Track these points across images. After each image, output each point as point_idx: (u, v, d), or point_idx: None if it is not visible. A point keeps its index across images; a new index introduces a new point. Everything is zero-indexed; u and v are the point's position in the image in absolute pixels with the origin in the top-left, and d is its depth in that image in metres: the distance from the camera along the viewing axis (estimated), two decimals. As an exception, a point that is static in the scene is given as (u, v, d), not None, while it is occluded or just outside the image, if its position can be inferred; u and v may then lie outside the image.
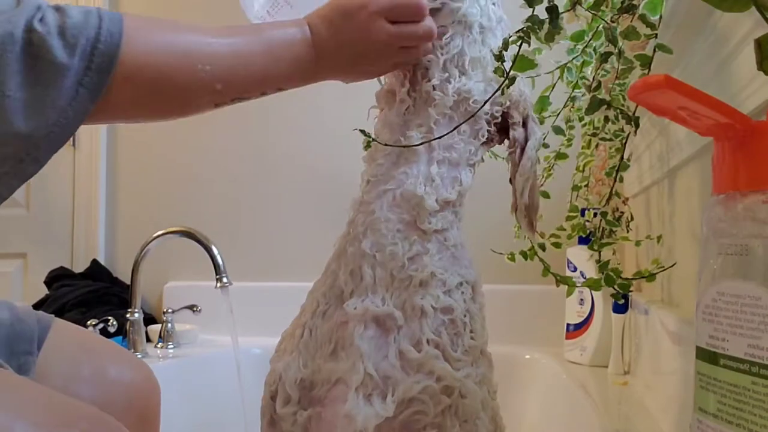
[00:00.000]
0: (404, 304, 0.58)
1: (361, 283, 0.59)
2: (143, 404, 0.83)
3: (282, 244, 1.55)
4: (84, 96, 0.47)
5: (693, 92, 0.34)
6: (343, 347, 0.58)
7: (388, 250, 0.59)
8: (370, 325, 0.57)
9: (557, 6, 0.61)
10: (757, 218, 0.32)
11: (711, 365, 0.35)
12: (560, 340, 1.23)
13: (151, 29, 0.52)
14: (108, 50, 0.47)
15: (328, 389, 0.57)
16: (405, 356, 0.57)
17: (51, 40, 0.45)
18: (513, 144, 0.66)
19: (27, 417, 0.51)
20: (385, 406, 0.55)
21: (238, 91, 0.57)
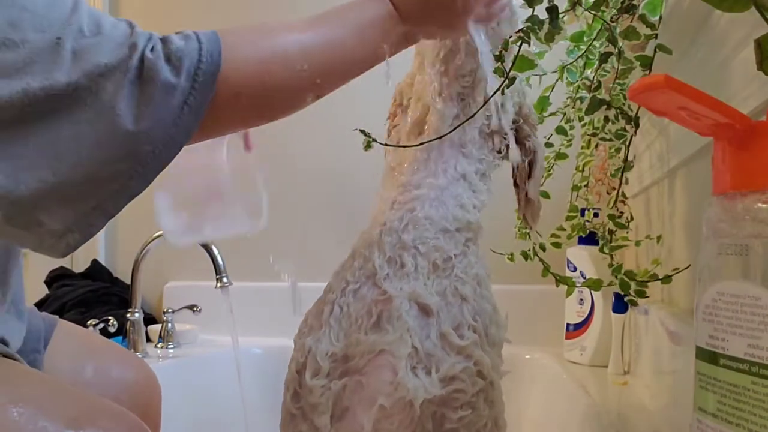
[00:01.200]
0: (445, 290, 0.61)
1: (402, 269, 0.62)
2: (145, 404, 0.83)
3: (282, 244, 1.55)
4: (188, 114, 0.49)
5: (693, 92, 0.34)
6: (389, 320, 0.59)
7: (431, 243, 0.62)
8: (413, 305, 0.60)
9: (557, 6, 0.61)
10: (757, 218, 0.32)
11: (711, 365, 0.35)
12: (560, 340, 1.23)
13: (247, 42, 0.54)
14: (209, 69, 0.50)
15: (370, 359, 0.58)
16: (446, 338, 0.59)
17: (159, 64, 0.48)
18: (528, 153, 0.72)
19: (48, 411, 0.51)
20: (431, 380, 0.57)
21: (337, 79, 0.59)
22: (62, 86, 0.46)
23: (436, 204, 0.65)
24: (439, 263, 0.62)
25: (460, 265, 0.63)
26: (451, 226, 0.64)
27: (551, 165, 0.91)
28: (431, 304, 0.60)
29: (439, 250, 0.62)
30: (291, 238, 1.54)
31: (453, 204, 0.65)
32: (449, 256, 0.63)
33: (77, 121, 0.46)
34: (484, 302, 0.63)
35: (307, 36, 0.57)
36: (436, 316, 0.60)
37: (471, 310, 0.61)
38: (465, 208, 0.65)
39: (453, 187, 0.66)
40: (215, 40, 0.51)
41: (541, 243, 0.87)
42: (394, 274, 0.62)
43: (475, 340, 0.59)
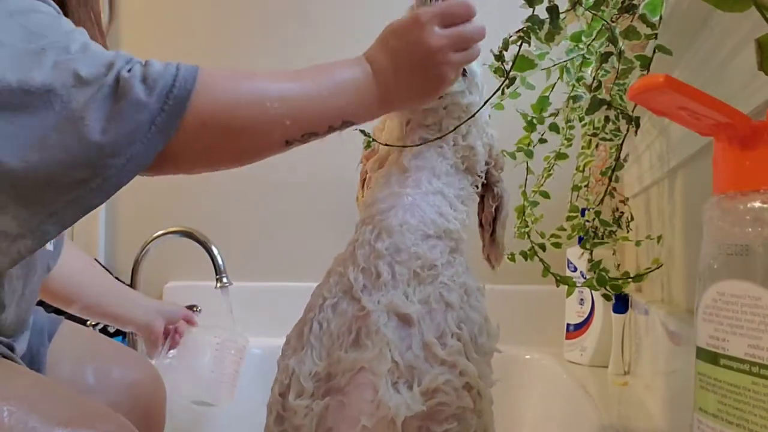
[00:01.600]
0: (429, 297, 0.60)
1: (378, 279, 0.61)
2: (148, 403, 0.83)
3: (282, 244, 1.55)
4: (155, 134, 0.50)
5: (693, 92, 0.34)
6: (368, 336, 0.58)
7: (412, 250, 0.61)
8: (392, 316, 0.59)
9: (557, 6, 0.61)
10: (757, 218, 0.32)
11: (711, 365, 0.35)
12: (560, 340, 1.23)
13: (224, 77, 0.56)
14: (181, 94, 0.51)
15: (351, 377, 0.57)
16: (430, 349, 0.58)
17: (134, 82, 0.50)
18: (496, 198, 0.75)
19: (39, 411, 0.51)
20: (412, 395, 0.56)
21: (306, 126, 0.59)
22: (36, 85, 0.47)
23: (411, 209, 0.64)
24: (420, 271, 0.61)
25: (446, 273, 0.62)
26: (431, 231, 0.63)
27: (551, 165, 0.91)
28: (411, 313, 0.59)
29: (421, 257, 0.61)
30: (291, 238, 1.54)
31: (431, 210, 0.64)
32: (432, 264, 0.62)
33: (44, 123, 0.48)
34: (473, 311, 0.62)
35: (285, 83, 0.58)
36: (418, 326, 0.59)
37: (456, 317, 0.60)
38: (444, 216, 0.65)
39: (430, 197, 0.65)
40: (193, 70, 0.53)
41: (541, 243, 0.87)
42: (371, 286, 0.60)
43: (459, 349, 0.59)
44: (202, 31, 1.61)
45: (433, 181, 0.66)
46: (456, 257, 0.65)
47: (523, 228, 0.89)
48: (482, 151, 0.72)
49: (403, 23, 0.62)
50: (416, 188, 0.65)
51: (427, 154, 0.68)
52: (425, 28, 0.61)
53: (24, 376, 0.61)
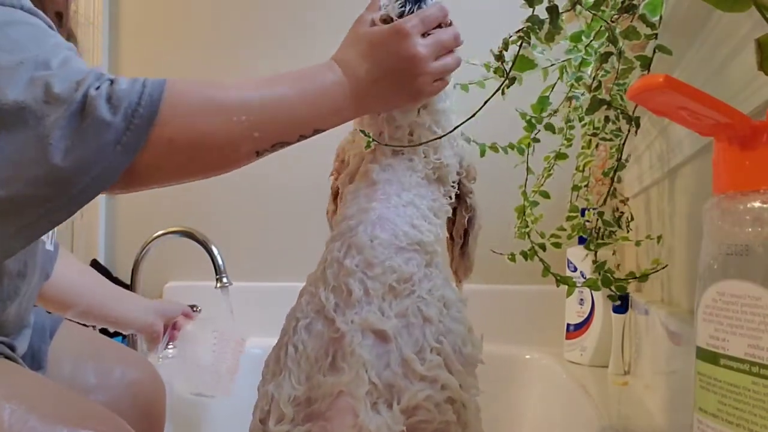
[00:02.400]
0: (407, 311, 0.59)
1: (350, 297, 0.59)
2: (148, 403, 0.84)
3: (282, 244, 1.55)
4: (121, 154, 0.50)
5: (693, 92, 0.34)
6: (344, 358, 0.57)
7: (386, 264, 0.60)
8: (368, 334, 0.57)
9: (557, 6, 0.61)
10: (757, 218, 0.32)
11: (711, 365, 0.35)
12: (560, 340, 1.23)
13: (191, 92, 0.55)
14: (146, 112, 0.51)
15: (331, 402, 0.56)
16: (409, 365, 0.57)
17: (99, 102, 0.49)
18: (469, 210, 0.75)
19: (39, 411, 0.52)
20: (393, 415, 0.55)
21: (276, 136, 0.58)
22: (9, 102, 0.48)
23: (381, 223, 0.62)
24: (396, 285, 0.59)
25: (423, 286, 0.61)
26: (404, 244, 0.62)
27: (551, 165, 0.91)
28: (387, 329, 0.57)
29: (396, 270, 0.60)
30: (291, 238, 1.54)
31: (403, 222, 0.63)
32: (409, 277, 0.60)
33: (17, 140, 0.48)
34: (454, 323, 0.61)
35: (254, 92, 0.58)
36: (395, 341, 0.57)
37: (435, 331, 0.59)
38: (417, 228, 0.63)
39: (401, 209, 0.64)
40: (159, 86, 0.52)
41: (541, 243, 0.87)
42: (344, 304, 0.59)
43: (439, 363, 0.58)
44: (202, 30, 1.61)
45: (402, 194, 0.65)
46: (432, 270, 0.63)
47: (523, 228, 0.89)
48: (454, 162, 0.71)
49: (386, 34, 0.61)
50: (385, 202, 0.64)
51: (397, 167, 0.67)
52: (411, 40, 0.61)
53: (25, 376, 0.61)
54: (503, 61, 0.65)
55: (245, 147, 0.57)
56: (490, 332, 1.45)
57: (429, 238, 0.64)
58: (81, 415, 0.55)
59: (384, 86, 0.62)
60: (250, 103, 0.57)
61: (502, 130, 0.86)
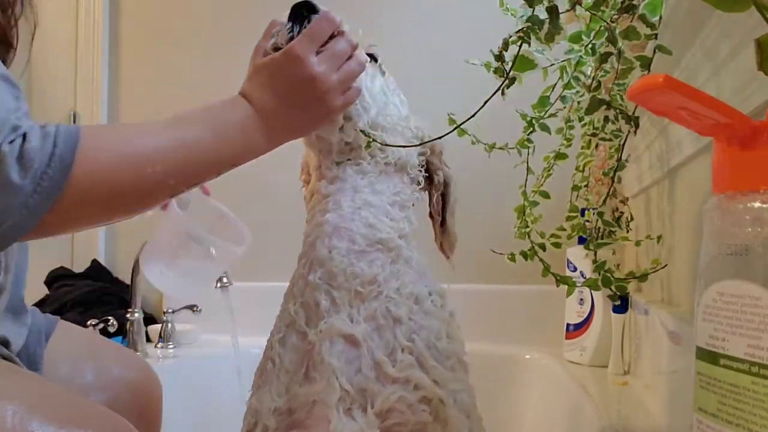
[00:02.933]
0: (376, 313, 0.60)
1: (318, 309, 0.61)
2: (145, 403, 0.83)
3: (282, 244, 1.55)
4: (26, 216, 0.51)
5: (693, 92, 0.33)
6: (315, 368, 0.58)
7: (348, 271, 0.61)
8: (337, 340, 0.58)
9: (557, 6, 0.61)
10: (757, 218, 0.32)
11: (711, 365, 0.35)
12: (560, 340, 1.23)
13: (103, 144, 0.54)
14: (56, 175, 0.51)
15: (308, 412, 0.58)
16: (381, 367, 0.58)
17: (10, 161, 0.49)
18: (437, 188, 0.73)
19: (40, 412, 0.52)
20: (367, 419, 0.56)
21: (192, 180, 0.59)
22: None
23: (337, 233, 0.63)
24: (362, 289, 0.60)
25: (390, 286, 0.61)
26: (362, 246, 0.62)
27: (551, 165, 0.91)
28: (356, 333, 0.58)
29: (359, 275, 0.61)
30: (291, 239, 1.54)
31: (358, 225, 0.63)
32: (373, 278, 0.61)
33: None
34: (427, 318, 0.61)
35: (164, 138, 0.57)
36: (366, 345, 0.58)
37: (406, 330, 0.59)
38: (375, 227, 0.63)
39: (356, 213, 0.64)
40: (71, 146, 0.52)
41: (541, 243, 0.87)
42: (314, 316, 0.61)
43: (411, 362, 0.58)
44: (202, 30, 1.61)
45: (356, 197, 0.65)
46: (400, 267, 0.63)
47: (523, 228, 0.89)
48: (409, 149, 0.70)
49: (281, 62, 0.61)
50: (337, 211, 0.64)
51: (344, 175, 0.66)
52: (305, 62, 0.60)
53: (24, 376, 0.61)
54: (503, 61, 0.65)
55: (161, 195, 0.58)
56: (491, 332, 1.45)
57: (389, 235, 0.63)
58: (82, 416, 0.55)
59: (294, 114, 0.62)
60: (164, 150, 0.56)
61: (503, 130, 0.86)
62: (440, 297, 0.65)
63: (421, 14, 1.50)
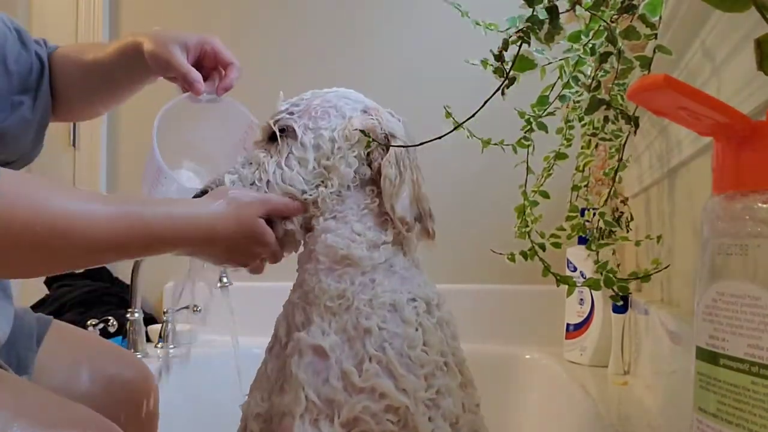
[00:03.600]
0: (346, 326, 0.61)
1: (293, 321, 0.65)
2: (141, 403, 0.83)
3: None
4: None
5: (693, 92, 0.33)
6: (286, 380, 0.61)
7: (317, 288, 0.63)
8: (306, 352, 0.60)
9: (557, 6, 0.61)
10: (757, 218, 0.32)
11: (711, 365, 0.35)
12: (560, 340, 1.23)
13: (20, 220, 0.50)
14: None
15: (278, 422, 0.60)
16: (348, 377, 0.59)
17: None
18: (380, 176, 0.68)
19: (26, 417, 0.51)
20: (333, 430, 0.57)
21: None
22: None
23: (307, 257, 0.66)
24: (331, 303, 0.62)
25: (361, 298, 0.62)
26: (324, 265, 0.64)
27: (551, 165, 0.91)
28: (324, 344, 0.60)
29: (326, 291, 0.63)
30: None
31: (321, 245, 0.65)
32: (341, 293, 0.62)
33: None
34: (402, 327, 0.61)
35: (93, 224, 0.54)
36: (334, 355, 0.59)
37: (376, 340, 0.60)
38: (333, 246, 0.64)
39: (320, 239, 0.66)
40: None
41: (541, 243, 0.87)
42: (291, 331, 0.64)
43: (377, 371, 0.58)
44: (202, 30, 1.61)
45: (320, 227, 0.66)
46: (376, 277, 0.63)
47: (523, 228, 0.89)
48: (347, 168, 0.67)
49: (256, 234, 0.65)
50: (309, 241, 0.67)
51: (314, 222, 0.68)
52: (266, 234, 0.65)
53: (9, 381, 0.60)
54: (503, 61, 0.65)
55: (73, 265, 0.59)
56: (491, 332, 1.45)
57: (351, 250, 0.64)
58: (68, 419, 0.55)
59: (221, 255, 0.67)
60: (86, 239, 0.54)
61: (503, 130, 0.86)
62: (426, 303, 0.64)
63: (421, 14, 1.50)
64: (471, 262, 1.38)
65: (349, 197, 0.67)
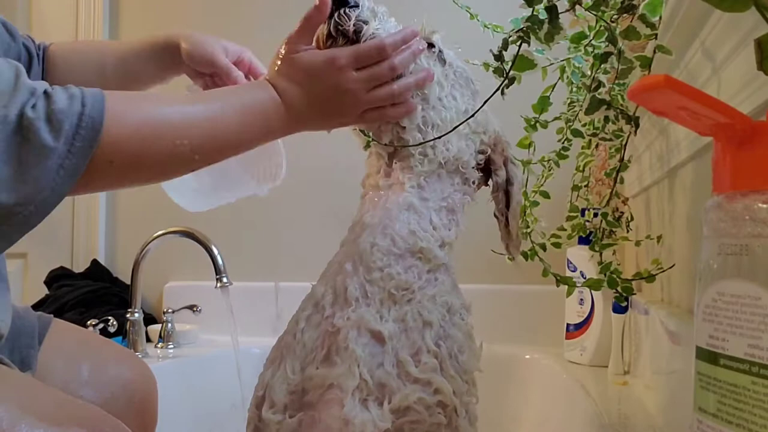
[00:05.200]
0: (406, 316, 0.60)
1: (346, 296, 0.61)
2: (141, 401, 0.83)
3: (282, 244, 1.55)
4: (64, 178, 0.50)
5: (693, 92, 0.34)
6: (337, 352, 0.58)
7: (386, 271, 0.61)
8: (364, 333, 0.59)
9: (557, 6, 0.61)
10: (757, 218, 0.32)
11: (711, 365, 0.35)
12: (560, 340, 1.23)
13: (131, 109, 0.55)
14: (88, 135, 0.50)
15: (321, 393, 0.57)
16: (403, 367, 0.58)
17: (39, 124, 0.48)
18: (496, 188, 0.71)
19: (32, 414, 0.51)
20: (382, 413, 0.56)
21: (214, 157, 0.60)
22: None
23: (383, 230, 0.63)
24: (395, 292, 0.60)
25: (425, 293, 0.61)
26: (402, 251, 0.62)
27: (551, 165, 0.91)
28: (383, 330, 0.58)
29: (394, 278, 0.61)
30: (291, 238, 1.54)
31: (403, 228, 0.63)
32: (407, 285, 0.61)
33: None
34: (455, 329, 0.62)
35: (192, 109, 0.58)
36: (391, 343, 0.59)
37: (434, 335, 0.60)
38: (416, 234, 0.63)
39: (402, 214, 0.64)
40: (99, 105, 0.51)
41: (541, 243, 0.87)
42: (343, 302, 0.61)
43: (434, 366, 0.58)
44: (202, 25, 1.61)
45: (402, 197, 0.64)
46: (438, 276, 0.63)
47: (524, 228, 0.89)
48: (464, 147, 0.67)
49: (320, 65, 0.62)
50: (384, 208, 0.64)
51: (397, 173, 0.66)
52: (342, 74, 0.61)
53: (15, 378, 0.60)
54: (503, 61, 0.65)
55: (185, 168, 0.59)
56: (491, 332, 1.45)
57: (429, 244, 0.63)
58: (76, 416, 0.55)
59: (315, 112, 0.64)
60: (192, 123, 0.57)
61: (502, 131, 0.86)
62: (468, 312, 0.65)
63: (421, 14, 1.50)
64: (471, 262, 1.38)
65: (442, 178, 0.67)
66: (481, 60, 0.78)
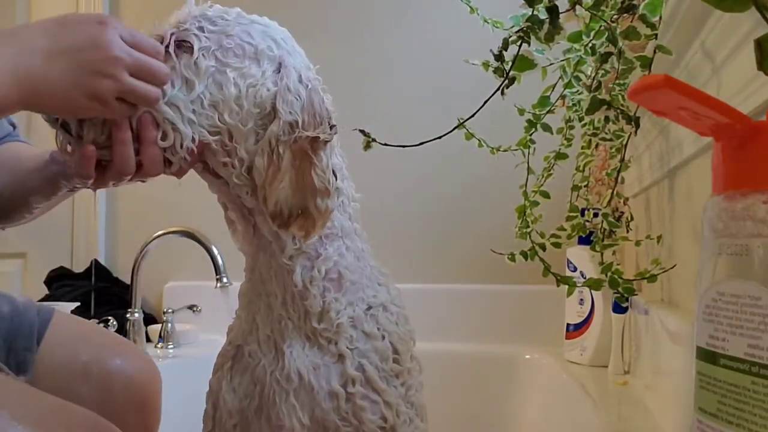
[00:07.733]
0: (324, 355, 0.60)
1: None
2: (144, 394, 0.83)
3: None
4: None
5: (693, 92, 0.33)
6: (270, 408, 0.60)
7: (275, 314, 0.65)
8: (293, 378, 0.59)
9: (557, 6, 0.61)
10: (757, 218, 0.32)
11: (711, 365, 0.35)
12: (560, 340, 1.23)
13: None
14: None
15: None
16: (336, 399, 0.58)
17: None
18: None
19: (23, 421, 0.51)
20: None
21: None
22: None
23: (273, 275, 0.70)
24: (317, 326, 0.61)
25: (320, 324, 0.60)
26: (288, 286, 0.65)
27: (551, 165, 0.91)
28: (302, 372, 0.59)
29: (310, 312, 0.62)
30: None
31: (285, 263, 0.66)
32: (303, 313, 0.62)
33: None
34: (369, 342, 0.60)
35: None
36: (316, 382, 0.59)
37: (350, 364, 0.59)
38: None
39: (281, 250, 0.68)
40: None
41: (541, 243, 0.87)
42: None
43: (363, 394, 0.58)
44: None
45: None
46: (335, 287, 0.61)
47: (524, 228, 0.89)
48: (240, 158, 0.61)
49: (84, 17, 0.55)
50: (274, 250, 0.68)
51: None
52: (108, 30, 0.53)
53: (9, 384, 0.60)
54: (503, 61, 0.65)
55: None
56: (491, 332, 1.45)
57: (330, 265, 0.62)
58: (69, 422, 0.55)
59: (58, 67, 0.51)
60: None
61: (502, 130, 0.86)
62: (381, 307, 0.61)
63: (421, 14, 1.50)
64: (471, 262, 1.38)
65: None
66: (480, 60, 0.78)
